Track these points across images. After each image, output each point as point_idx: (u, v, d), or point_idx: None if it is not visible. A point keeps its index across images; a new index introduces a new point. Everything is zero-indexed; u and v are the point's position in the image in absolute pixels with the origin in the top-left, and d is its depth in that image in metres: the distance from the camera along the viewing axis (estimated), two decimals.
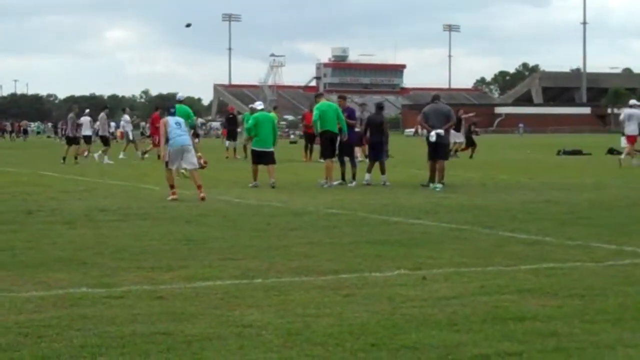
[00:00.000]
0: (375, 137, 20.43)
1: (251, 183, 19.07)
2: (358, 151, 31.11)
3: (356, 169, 20.10)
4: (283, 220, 12.60)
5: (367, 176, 20.05)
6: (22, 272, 8.23)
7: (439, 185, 18.43)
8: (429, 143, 18.92)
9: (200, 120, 76.13)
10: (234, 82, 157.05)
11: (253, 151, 19.72)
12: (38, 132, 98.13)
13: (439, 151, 18.84)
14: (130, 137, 36.95)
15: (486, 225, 11.90)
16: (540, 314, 6.48)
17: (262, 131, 19.41)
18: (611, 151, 37.91)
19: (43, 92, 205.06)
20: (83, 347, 5.55)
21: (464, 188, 18.68)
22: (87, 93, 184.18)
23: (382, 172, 19.92)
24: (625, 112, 29.27)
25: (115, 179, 18.88)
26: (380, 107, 22.13)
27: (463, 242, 10.34)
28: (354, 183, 19.64)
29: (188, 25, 58.03)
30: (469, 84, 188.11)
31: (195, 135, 32.83)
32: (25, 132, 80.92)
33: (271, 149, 19.46)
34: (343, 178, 19.98)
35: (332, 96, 33.19)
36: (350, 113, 21.11)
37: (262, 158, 19.30)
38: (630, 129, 28.26)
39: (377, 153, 20.28)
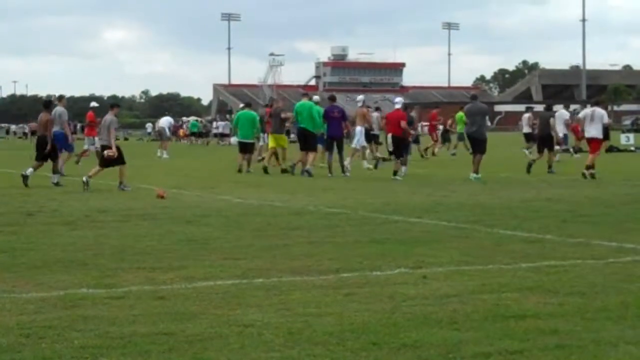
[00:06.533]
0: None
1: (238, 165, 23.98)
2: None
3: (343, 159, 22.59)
4: (284, 219, 12.61)
5: (403, 168, 22.22)
6: (22, 274, 8.23)
7: (474, 175, 20.47)
8: (469, 138, 21.87)
9: (197, 119, 74.33)
10: (234, 81, 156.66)
11: (238, 142, 24.84)
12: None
13: (475, 146, 21.38)
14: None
15: (487, 224, 11.90)
16: (541, 312, 6.48)
17: (242, 126, 24.41)
18: (611, 149, 37.91)
19: (43, 93, 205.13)
20: (84, 347, 5.55)
21: (465, 186, 18.68)
22: (87, 94, 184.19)
23: (404, 164, 22.22)
24: None
25: (115, 180, 18.83)
26: (404, 106, 24.22)
27: (464, 241, 10.34)
28: (332, 175, 21.92)
29: None
30: (468, 82, 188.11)
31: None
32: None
33: (251, 141, 24.55)
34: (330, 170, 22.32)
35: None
36: (328, 111, 22.87)
37: (243, 147, 24.19)
38: None
39: (404, 148, 23.00)
